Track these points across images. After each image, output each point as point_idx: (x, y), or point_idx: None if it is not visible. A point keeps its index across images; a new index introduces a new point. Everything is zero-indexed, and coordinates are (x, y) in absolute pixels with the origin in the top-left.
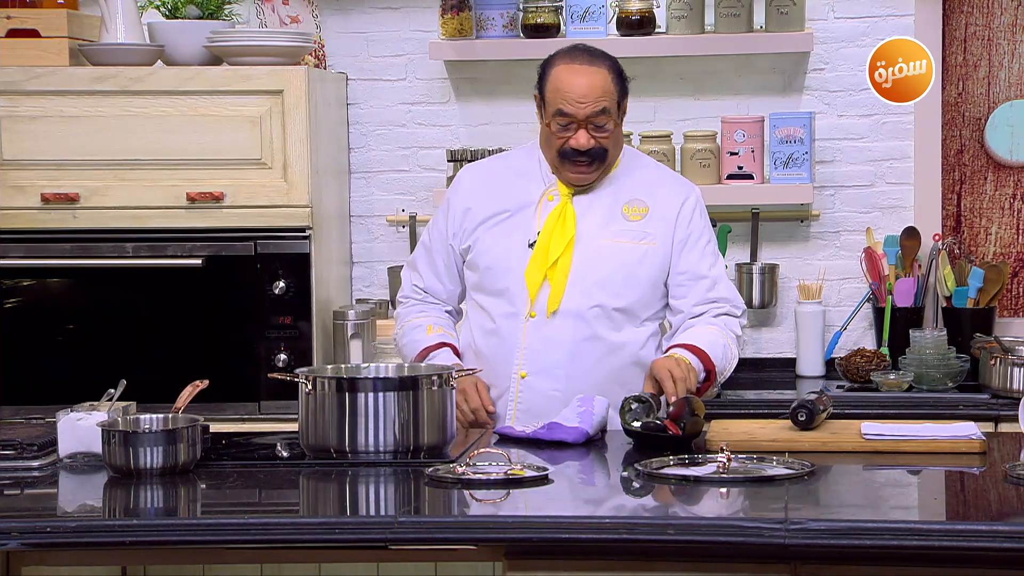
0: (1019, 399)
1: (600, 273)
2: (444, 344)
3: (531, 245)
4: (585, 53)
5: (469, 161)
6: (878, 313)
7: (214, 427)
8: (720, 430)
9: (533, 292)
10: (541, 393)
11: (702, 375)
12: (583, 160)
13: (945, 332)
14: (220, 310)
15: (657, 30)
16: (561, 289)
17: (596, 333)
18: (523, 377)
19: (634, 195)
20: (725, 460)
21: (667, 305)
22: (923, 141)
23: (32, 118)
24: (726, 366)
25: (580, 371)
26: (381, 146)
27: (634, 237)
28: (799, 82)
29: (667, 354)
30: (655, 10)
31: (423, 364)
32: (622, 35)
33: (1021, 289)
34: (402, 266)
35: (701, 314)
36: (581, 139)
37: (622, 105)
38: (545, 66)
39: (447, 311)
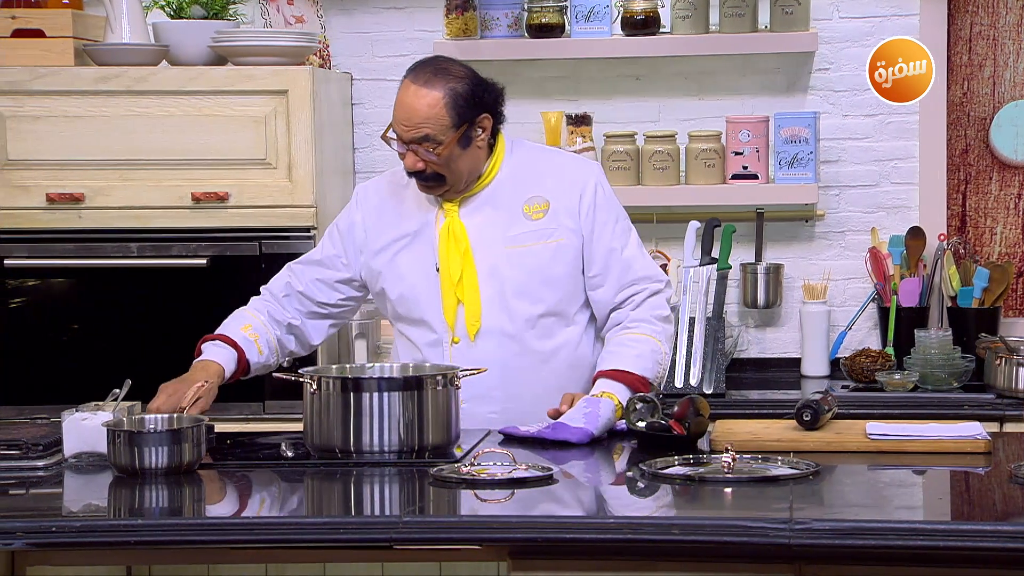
0: None
1: (513, 282)
2: (231, 343)
3: (438, 269)
4: (428, 72)
5: None
6: (883, 313)
7: (219, 427)
8: (724, 430)
9: (451, 317)
10: (480, 418)
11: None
12: (420, 180)
13: (950, 332)
14: (225, 310)
15: (661, 30)
16: (477, 308)
17: (525, 346)
18: (460, 405)
19: (532, 192)
20: (730, 460)
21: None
22: (928, 141)
23: (36, 118)
24: (659, 371)
25: (516, 388)
26: (385, 146)
27: (540, 237)
28: (803, 82)
29: (593, 393)
30: (659, 10)
31: (427, 364)
32: (626, 35)
33: None
34: None
35: (623, 302)
36: (408, 160)
37: (463, 129)
38: (405, 74)
39: (291, 324)
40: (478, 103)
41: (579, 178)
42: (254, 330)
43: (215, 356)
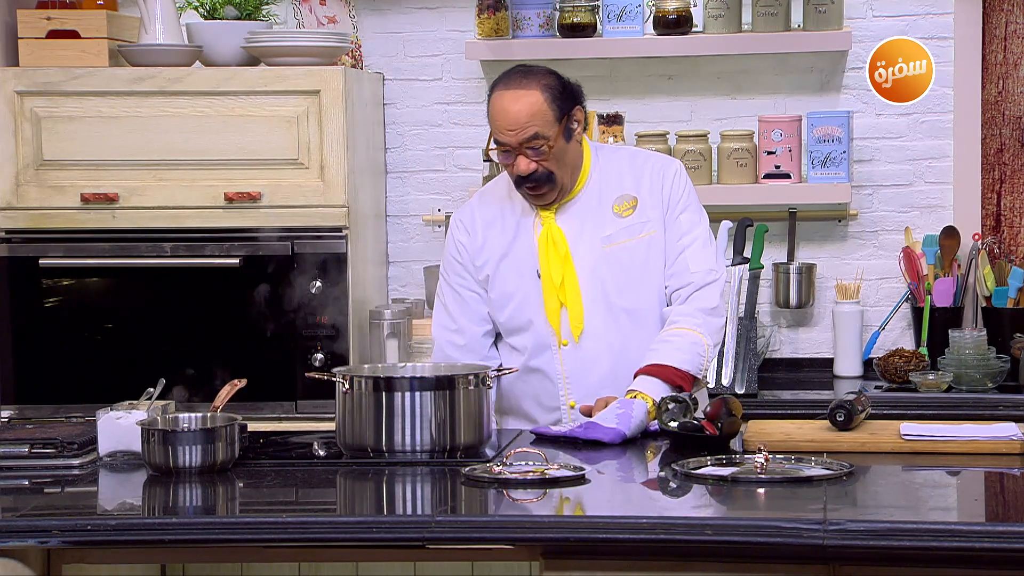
0: None
1: (614, 281)
2: None
3: (539, 274)
4: (518, 75)
5: None
6: (916, 313)
7: (252, 426)
8: (757, 430)
9: (555, 321)
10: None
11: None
12: (532, 184)
13: (984, 332)
14: (257, 309)
15: (694, 29)
16: (579, 310)
17: (629, 341)
18: (572, 406)
19: (619, 191)
20: (763, 460)
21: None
22: (962, 140)
23: (72, 118)
24: (701, 362)
25: (625, 382)
26: (417, 146)
27: (633, 232)
28: (837, 81)
29: (630, 392)
30: (692, 9)
31: (459, 363)
32: (659, 34)
33: None
34: (438, 265)
35: (672, 296)
36: (521, 166)
37: (564, 121)
38: (490, 91)
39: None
40: (570, 95)
41: (660, 166)
42: None
43: None
